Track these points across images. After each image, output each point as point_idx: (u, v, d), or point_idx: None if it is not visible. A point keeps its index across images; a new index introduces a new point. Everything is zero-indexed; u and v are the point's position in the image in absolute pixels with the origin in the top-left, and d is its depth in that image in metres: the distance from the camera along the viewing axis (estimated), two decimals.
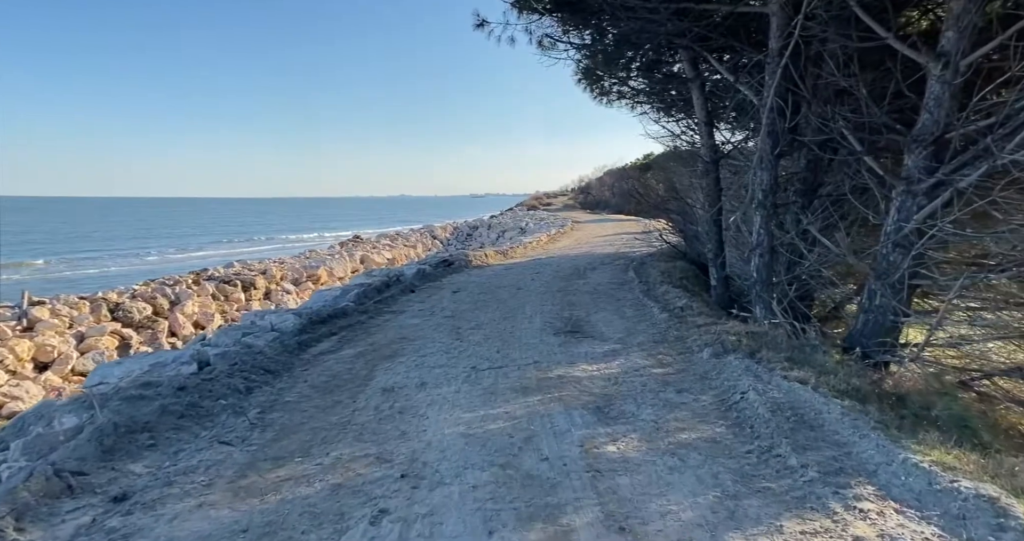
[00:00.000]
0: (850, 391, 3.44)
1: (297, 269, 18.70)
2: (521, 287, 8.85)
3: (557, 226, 22.76)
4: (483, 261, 12.48)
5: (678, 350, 4.88)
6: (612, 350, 5.06)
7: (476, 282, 9.56)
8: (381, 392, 4.15)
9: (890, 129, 4.74)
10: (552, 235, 19.37)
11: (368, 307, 7.37)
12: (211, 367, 4.52)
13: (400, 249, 25.38)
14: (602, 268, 11.01)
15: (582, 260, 12.41)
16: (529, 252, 15.06)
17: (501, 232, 28.40)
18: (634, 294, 7.85)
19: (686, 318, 5.90)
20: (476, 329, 6.17)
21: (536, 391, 4.00)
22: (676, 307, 6.41)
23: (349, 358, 5.17)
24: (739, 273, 7.62)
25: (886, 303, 4.54)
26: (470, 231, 33.28)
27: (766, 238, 5.50)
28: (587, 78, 9.97)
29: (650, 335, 5.56)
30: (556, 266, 11.46)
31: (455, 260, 11.48)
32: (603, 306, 7.17)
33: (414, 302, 7.91)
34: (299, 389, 4.31)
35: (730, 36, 5.62)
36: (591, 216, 33.29)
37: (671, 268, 9.46)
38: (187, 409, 3.61)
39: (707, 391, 3.82)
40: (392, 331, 6.21)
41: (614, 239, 17.74)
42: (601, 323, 6.27)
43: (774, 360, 4.07)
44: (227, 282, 15.99)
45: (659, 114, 10.59)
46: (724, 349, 4.54)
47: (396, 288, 8.61)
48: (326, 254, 22.47)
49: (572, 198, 54.87)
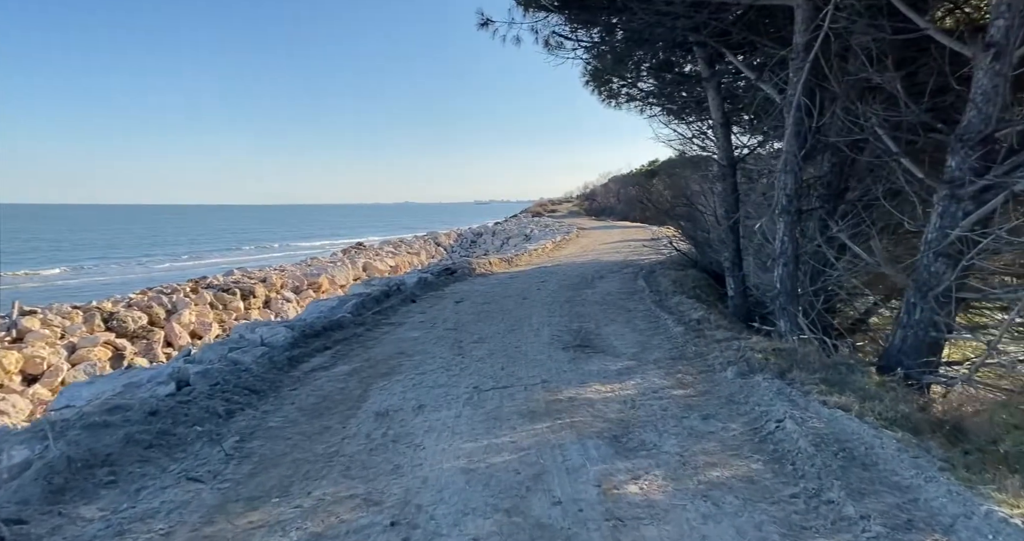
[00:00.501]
0: (899, 420, 3.05)
1: (298, 277, 18.37)
2: (527, 297, 8.47)
3: (562, 233, 22.39)
4: (487, 269, 12.12)
5: (699, 368, 4.48)
6: (626, 368, 4.67)
7: (480, 291, 9.19)
8: (374, 416, 3.78)
9: (928, 128, 4.37)
10: (557, 242, 19.00)
11: (366, 319, 7.00)
12: (190, 387, 4.16)
13: (403, 256, 25.05)
14: (610, 276, 10.63)
15: (589, 268, 12.03)
16: (534, 259, 14.69)
17: (505, 239, 28.07)
18: (646, 305, 7.45)
19: (704, 331, 5.51)
20: (479, 343, 5.80)
21: (545, 416, 3.62)
22: (692, 319, 6.02)
23: (342, 376, 4.80)
24: (757, 283, 7.22)
25: (927, 318, 4.14)
26: (474, 238, 32.96)
27: (791, 246, 5.12)
28: (595, 80, 9.63)
29: (666, 351, 5.16)
30: (562, 274, 11.08)
31: (458, 268, 11.12)
32: (614, 318, 6.78)
33: (415, 313, 7.54)
34: (285, 412, 3.93)
35: (750, 30, 5.27)
36: (596, 223, 32.93)
37: (683, 277, 9.07)
38: (157, 438, 3.24)
39: (736, 418, 3.42)
40: (390, 345, 5.84)
41: (621, 246, 17.35)
42: (613, 337, 5.88)
43: (808, 382, 3.67)
44: (226, 290, 15.67)
45: (669, 117, 10.25)
46: (750, 368, 4.14)
47: (396, 298, 8.24)
48: (328, 261, 22.15)
49: (577, 205, 54.48)
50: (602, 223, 32.53)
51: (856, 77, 4.64)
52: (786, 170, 5.11)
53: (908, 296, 4.27)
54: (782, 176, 5.14)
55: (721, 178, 6.55)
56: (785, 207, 5.12)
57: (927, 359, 4.14)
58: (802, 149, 5.01)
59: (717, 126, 6.48)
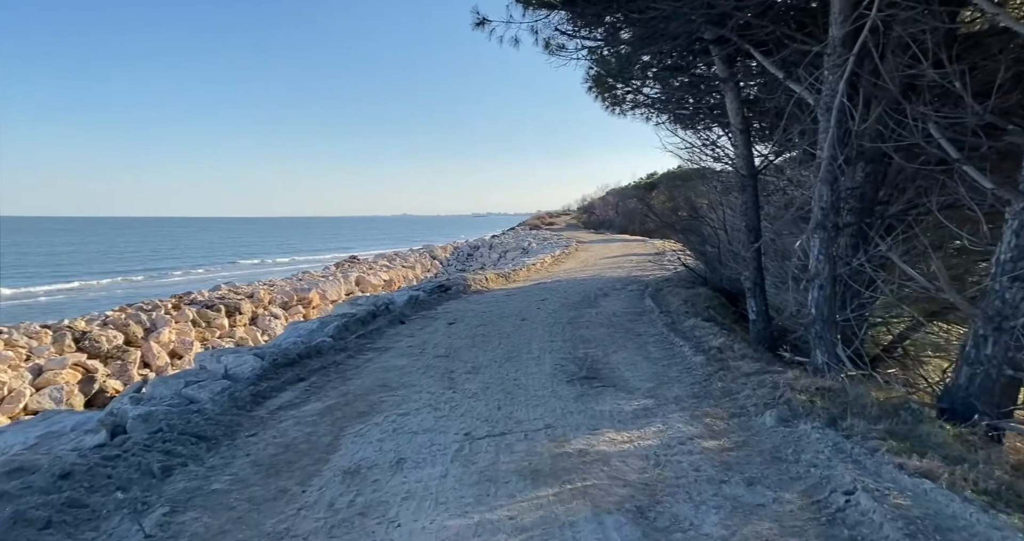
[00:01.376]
0: (1003, 493, 2.39)
1: (287, 292, 17.68)
2: (526, 317, 7.81)
3: (561, 246, 21.78)
4: (483, 285, 11.47)
5: (729, 410, 3.82)
6: (644, 408, 4.00)
7: (475, 311, 8.53)
8: (343, 475, 3.10)
9: (993, 130, 3.76)
10: (556, 256, 18.38)
11: (348, 343, 6.33)
12: (126, 436, 3.49)
13: (398, 270, 24.38)
14: (614, 294, 9.98)
15: (591, 285, 11.38)
16: (533, 275, 14.05)
17: (503, 252, 27.45)
18: (657, 328, 6.80)
19: (727, 362, 4.85)
20: (473, 374, 5.13)
21: (551, 478, 2.94)
22: (712, 347, 5.37)
23: (313, 416, 4.12)
24: (778, 305, 6.59)
25: (1001, 353, 3.50)
26: (471, 251, 32.33)
27: (827, 266, 4.48)
28: (598, 86, 9.07)
29: (687, 386, 4.50)
30: (563, 291, 10.43)
31: (452, 285, 10.47)
32: (623, 343, 6.12)
33: (403, 336, 6.87)
34: (236, 468, 3.25)
35: (778, 23, 4.69)
36: (595, 236, 32.35)
37: (693, 296, 8.43)
38: (61, 512, 2.56)
39: (789, 484, 2.76)
40: (372, 376, 5.17)
41: (622, 261, 16.73)
42: (623, 366, 5.22)
43: (870, 434, 3.01)
44: (210, 307, 14.96)
45: (676, 125, 9.68)
46: (792, 412, 3.49)
47: (384, 319, 7.57)
48: (320, 276, 21.47)
49: (575, 217, 54.00)
50: (601, 236, 31.96)
51: (906, 74, 4.04)
52: (823, 180, 4.50)
53: (976, 327, 3.63)
54: (818, 187, 4.53)
55: (740, 189, 5.95)
56: (821, 222, 4.49)
57: (1002, 403, 3.50)
58: (840, 156, 4.40)
59: (736, 132, 5.89)
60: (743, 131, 5.90)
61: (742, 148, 5.91)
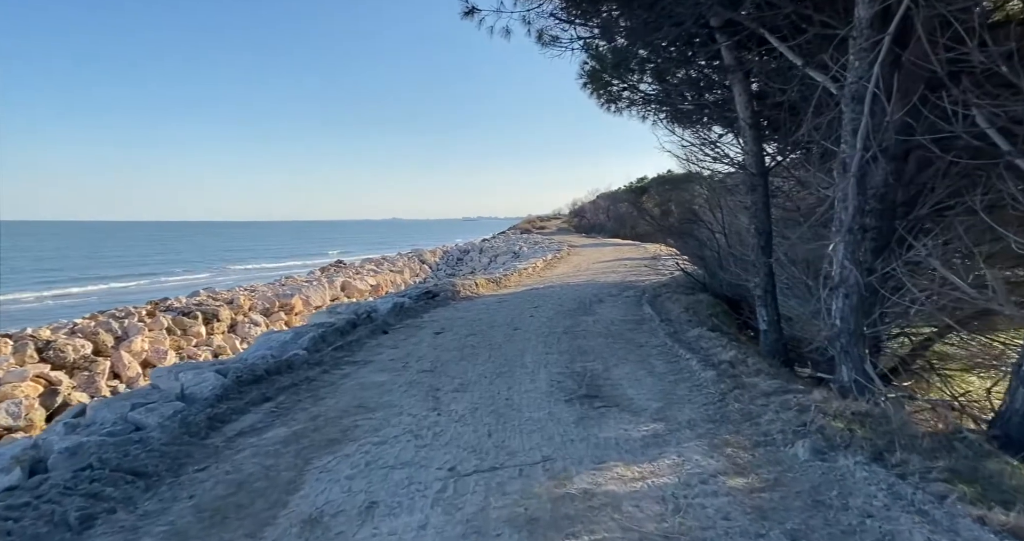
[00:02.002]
0: None
1: (269, 298, 17.06)
2: (518, 326, 7.30)
3: (553, 251, 21.32)
4: (473, 291, 10.96)
5: (752, 438, 3.33)
6: (654, 435, 3.51)
7: (464, 319, 8.01)
8: (301, 525, 2.58)
9: None
10: (548, 260, 17.90)
11: (324, 356, 5.80)
12: (45, 475, 2.94)
13: (385, 275, 23.78)
14: (610, 300, 9.50)
15: (586, 290, 10.91)
16: (524, 280, 13.56)
17: (493, 256, 26.94)
18: (659, 338, 6.32)
19: (741, 379, 4.38)
20: (461, 392, 4.62)
21: (552, 530, 2.44)
22: (722, 361, 4.89)
23: (276, 444, 3.59)
24: (787, 313, 6.14)
25: None
26: (461, 255, 31.78)
27: (853, 273, 4.03)
28: (593, 82, 8.63)
29: (700, 407, 4.01)
30: (557, 298, 9.94)
31: (440, 291, 9.94)
32: (624, 355, 5.64)
33: (385, 348, 6.34)
34: (175, 514, 2.72)
35: (797, 3, 4.25)
36: (587, 240, 31.96)
37: (694, 303, 7.97)
38: None
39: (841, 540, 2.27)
40: (348, 394, 4.65)
41: (616, 265, 16.28)
42: (626, 382, 4.73)
43: (929, 473, 2.54)
44: (186, 314, 14.31)
45: (674, 124, 9.25)
46: (828, 442, 3.01)
47: (365, 329, 7.04)
48: (304, 281, 20.83)
49: (566, 221, 53.68)
50: (592, 240, 31.57)
51: (945, 56, 3.60)
52: (847, 177, 4.05)
53: None
54: (842, 185, 4.08)
55: (750, 189, 5.50)
56: (847, 224, 4.04)
57: None
58: (868, 150, 3.96)
59: (744, 127, 5.44)
60: (752, 126, 5.45)
61: (751, 144, 5.46)
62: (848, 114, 4.04)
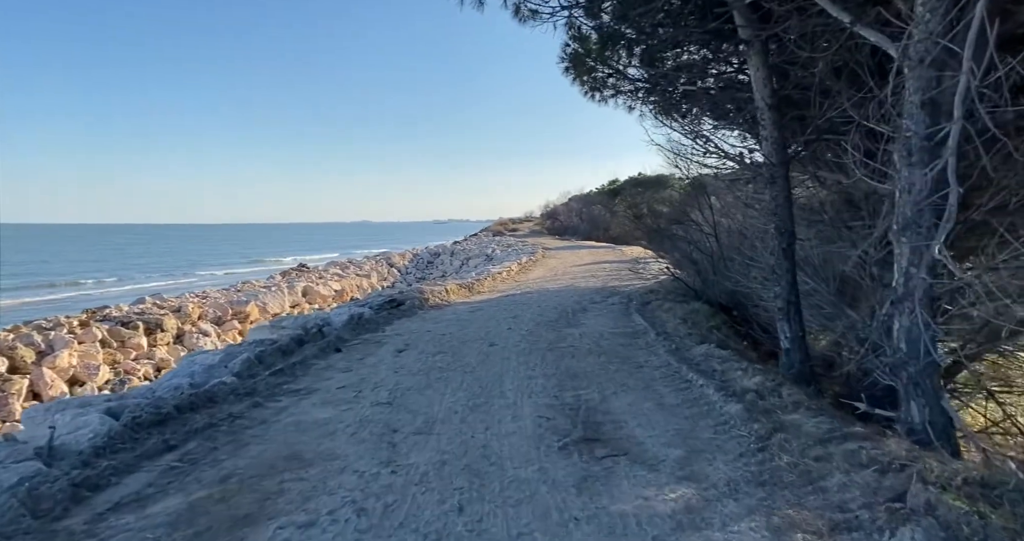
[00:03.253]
0: None
1: (221, 305, 15.71)
2: (495, 342, 6.32)
3: (527, 253, 20.39)
4: (443, 298, 9.94)
5: (827, 518, 2.40)
6: (686, 508, 2.57)
7: (432, 332, 6.99)
8: None
9: None
10: (523, 263, 16.97)
11: (258, 384, 4.74)
12: None
13: (351, 279, 22.50)
14: (595, 309, 8.60)
15: (566, 297, 9.98)
16: (499, 285, 12.59)
17: (465, 259, 25.91)
18: (660, 356, 5.41)
19: (777, 415, 3.49)
20: (424, 435, 3.63)
21: None
22: (746, 389, 4.01)
23: (159, 528, 2.55)
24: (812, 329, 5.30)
25: None
26: (431, 258, 30.62)
27: (923, 283, 3.17)
28: (576, 67, 7.72)
29: (736, 459, 3.09)
30: (536, 306, 8.99)
31: (406, 299, 8.89)
32: (623, 380, 4.71)
33: (336, 371, 5.30)
34: None
35: None
36: (561, 242, 31.16)
37: (690, 313, 7.12)
38: None
39: None
40: (279, 439, 3.61)
41: (595, 269, 15.44)
42: (632, 418, 3.80)
43: None
44: (125, 324, 12.92)
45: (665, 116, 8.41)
46: (951, 533, 2.11)
47: (314, 347, 5.97)
48: (262, 286, 19.44)
49: (538, 224, 52.94)
50: (567, 243, 30.79)
51: None
52: (910, 163, 3.21)
53: None
54: (905, 173, 3.23)
55: (769, 182, 4.65)
56: (913, 221, 3.19)
57: None
58: (936, 129, 3.11)
59: (763, 108, 4.60)
60: (772, 107, 4.60)
61: (770, 129, 4.60)
62: (914, 82, 3.19)
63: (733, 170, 8.37)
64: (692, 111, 8.25)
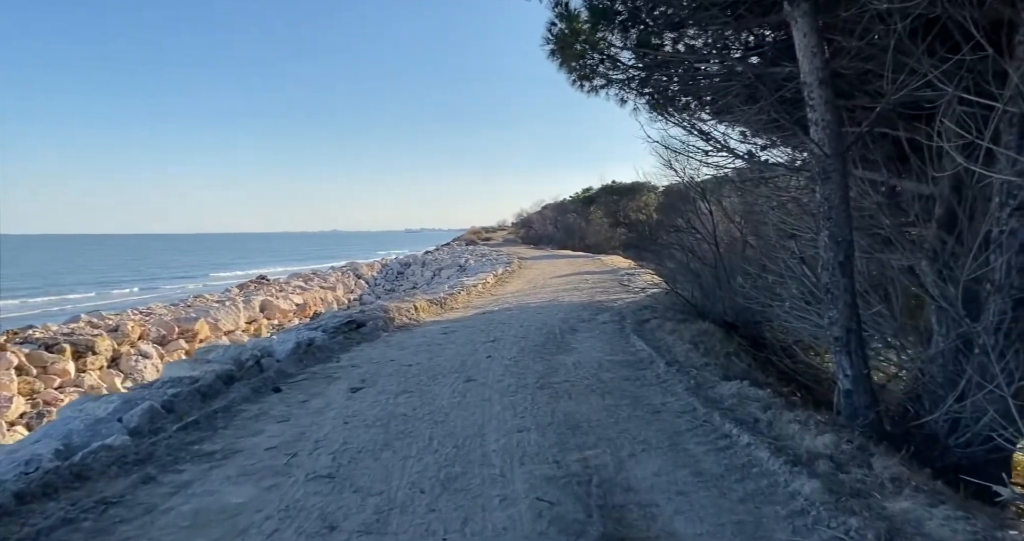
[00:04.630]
0: None
1: (166, 323, 14.21)
2: (473, 376, 5.21)
3: (503, 264, 19.30)
4: (411, 317, 8.77)
5: None
6: None
7: (396, 363, 5.84)
8: None
9: None
10: (499, 275, 15.88)
11: (159, 444, 3.55)
12: None
13: (314, 292, 21.04)
14: (585, 329, 7.55)
15: (552, 314, 8.91)
16: (474, 300, 11.47)
17: (437, 270, 24.69)
18: (679, 397, 4.36)
19: (873, 498, 2.48)
20: (376, 536, 2.49)
21: None
22: (815, 454, 2.98)
23: None
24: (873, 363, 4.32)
25: None
26: (401, 269, 29.25)
27: None
28: (562, 51, 6.70)
29: None
30: (518, 325, 7.90)
31: (368, 319, 7.70)
32: (639, 433, 3.65)
33: (269, 420, 4.12)
34: None
35: None
36: (536, 252, 30.17)
37: (700, 336, 6.12)
38: None
39: None
40: None
41: (576, 281, 14.42)
42: (666, 501, 2.73)
43: None
44: (50, 347, 11.39)
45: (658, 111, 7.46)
46: None
47: (246, 386, 4.77)
48: (214, 301, 17.90)
49: (512, 232, 52.00)
50: (542, 252, 29.81)
51: None
52: None
53: None
54: None
55: (821, 178, 3.67)
56: None
57: None
58: None
59: (812, 85, 3.64)
60: (824, 82, 3.63)
61: (823, 110, 3.64)
62: None
63: (739, 169, 7.48)
64: (691, 105, 7.33)
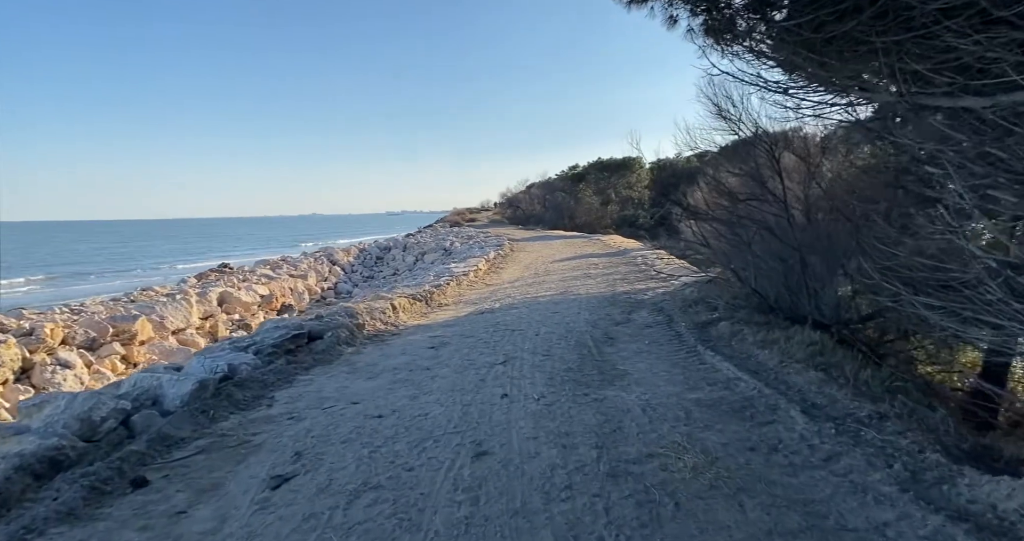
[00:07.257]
0: None
1: (98, 323, 11.85)
2: (484, 443, 3.10)
3: (493, 247, 17.13)
4: (387, 321, 6.63)
5: None
6: None
7: (359, 411, 3.71)
8: None
9: None
10: (491, 260, 13.74)
11: None
12: None
13: (283, 281, 18.67)
14: (626, 338, 5.46)
15: (570, 314, 6.81)
16: (467, 292, 9.33)
17: (420, 254, 22.43)
18: (893, 502, 2.32)
19: None
20: None
21: None
22: None
23: None
24: None
25: None
26: (381, 254, 26.90)
27: None
28: None
29: None
30: (533, 334, 5.79)
31: (325, 329, 5.53)
32: None
33: None
34: None
35: None
36: (526, 233, 28.02)
37: (812, 350, 4.09)
38: None
39: None
40: None
41: (583, 265, 12.33)
42: None
43: None
44: None
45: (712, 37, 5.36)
46: None
47: (75, 483, 2.61)
48: (164, 294, 15.48)
49: (497, 213, 49.78)
50: (533, 233, 27.68)
51: None
52: None
53: None
54: None
55: None
56: None
57: None
58: None
59: None
60: None
61: None
62: None
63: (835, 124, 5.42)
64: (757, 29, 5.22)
